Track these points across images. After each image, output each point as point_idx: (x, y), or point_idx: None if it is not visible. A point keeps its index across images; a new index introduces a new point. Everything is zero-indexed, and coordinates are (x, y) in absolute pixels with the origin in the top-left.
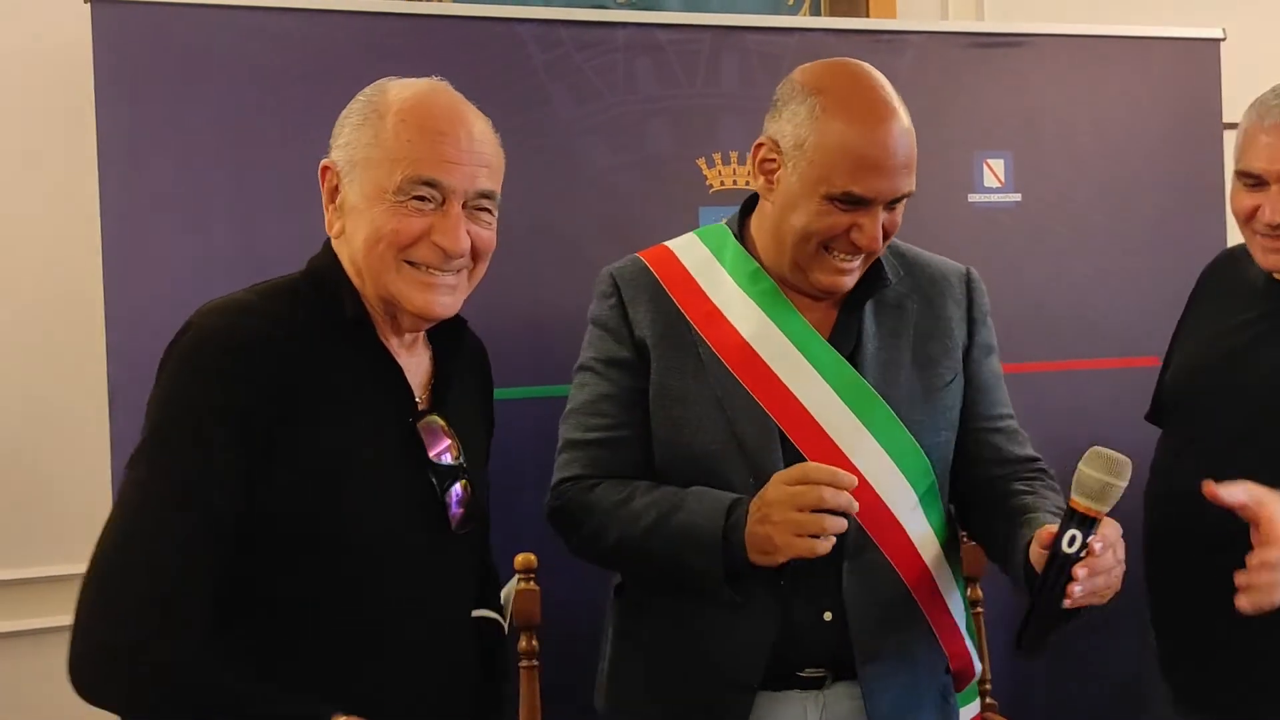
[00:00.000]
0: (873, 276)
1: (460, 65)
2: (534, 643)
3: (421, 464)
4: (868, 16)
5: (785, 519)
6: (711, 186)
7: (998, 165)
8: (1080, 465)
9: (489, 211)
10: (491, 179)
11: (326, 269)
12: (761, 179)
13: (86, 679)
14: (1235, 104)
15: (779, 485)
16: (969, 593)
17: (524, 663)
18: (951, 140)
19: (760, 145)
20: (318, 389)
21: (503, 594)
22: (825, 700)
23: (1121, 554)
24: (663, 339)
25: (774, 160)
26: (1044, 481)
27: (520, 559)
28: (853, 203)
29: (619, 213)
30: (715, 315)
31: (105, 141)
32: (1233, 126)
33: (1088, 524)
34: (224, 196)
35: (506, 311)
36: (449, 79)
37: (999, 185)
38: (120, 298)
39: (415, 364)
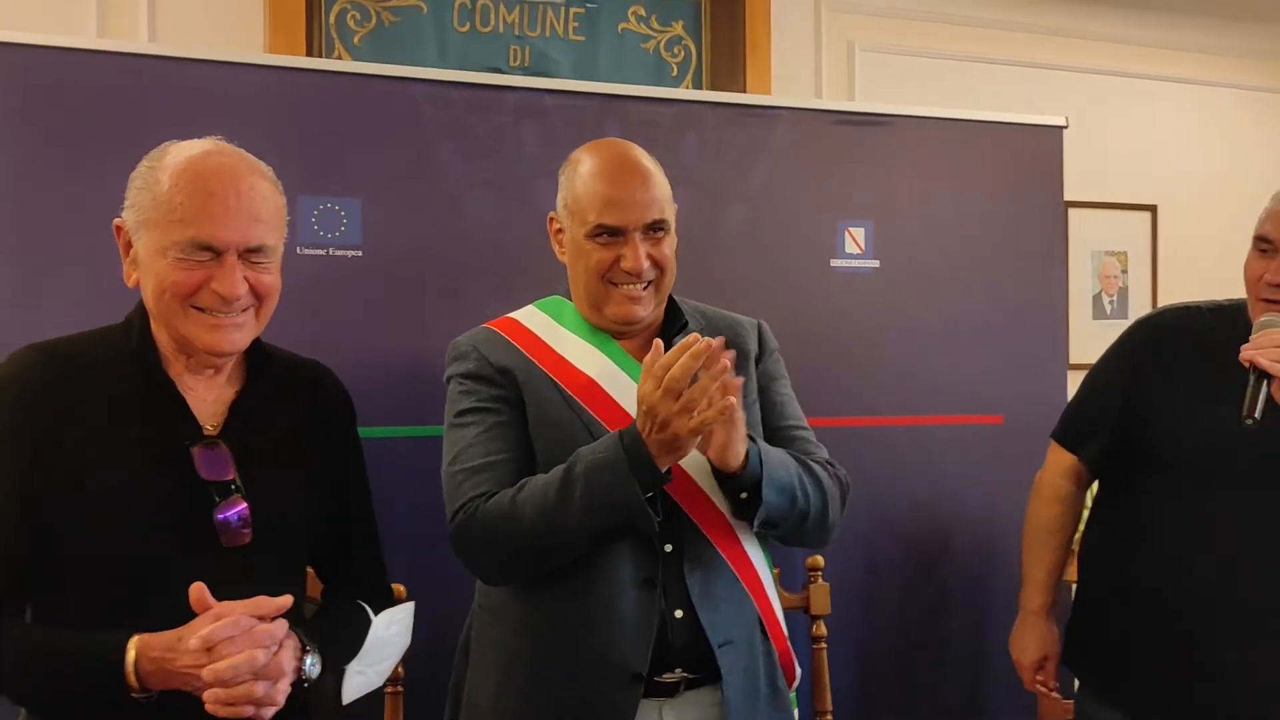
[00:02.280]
0: (674, 319)
1: (354, 119)
2: (399, 669)
3: (198, 484)
4: (745, 91)
5: (673, 411)
6: None
7: (859, 233)
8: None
9: (265, 260)
10: (265, 231)
11: (133, 315)
12: (557, 247)
13: None
14: (1075, 186)
15: (648, 395)
16: (814, 629)
17: (389, 688)
18: (816, 208)
19: (550, 220)
20: (93, 416)
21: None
22: (678, 707)
23: None
24: (526, 379)
25: (560, 228)
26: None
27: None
28: (610, 233)
29: (503, 266)
30: (563, 362)
31: None
32: (1073, 205)
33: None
34: (114, 239)
35: (391, 355)
36: (342, 132)
37: (859, 251)
38: (5, 335)
39: (213, 395)
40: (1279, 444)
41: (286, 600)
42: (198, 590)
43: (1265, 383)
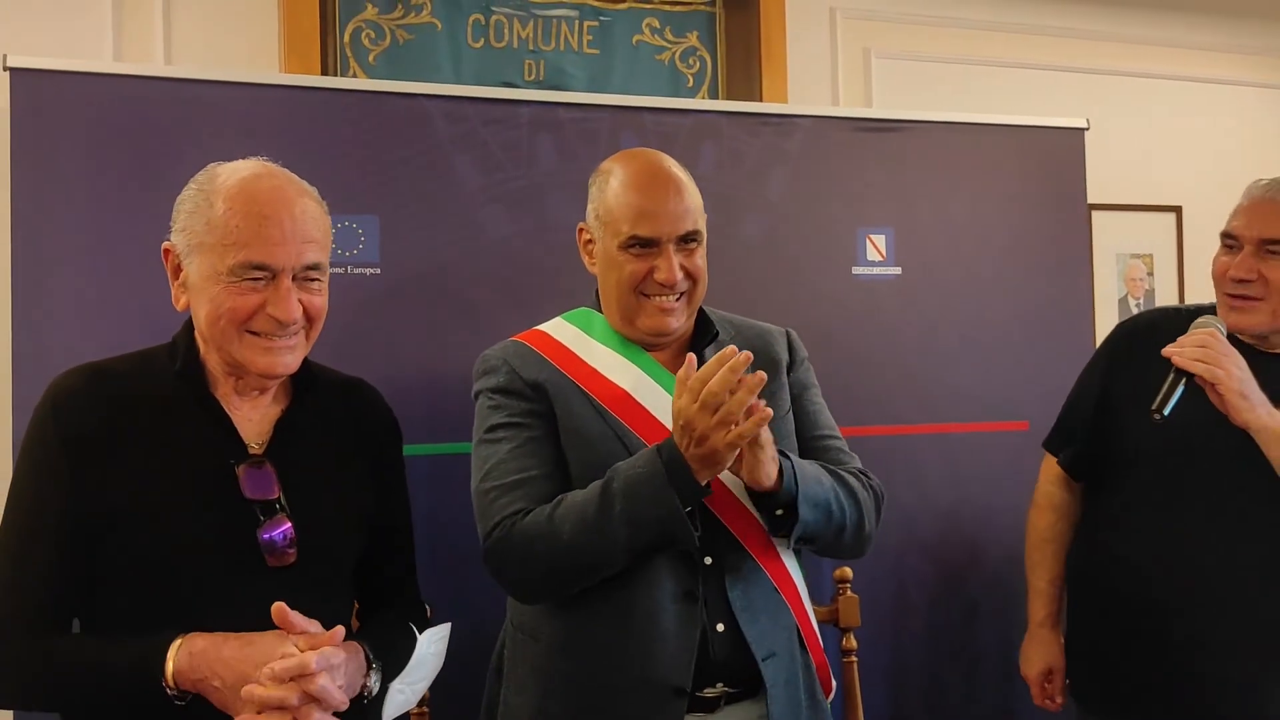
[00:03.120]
0: (704, 330)
1: (370, 136)
2: (426, 693)
3: (242, 504)
4: (761, 100)
5: (710, 424)
6: None
7: (879, 240)
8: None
9: (318, 280)
10: (317, 251)
11: (180, 336)
12: (586, 258)
13: None
14: (1097, 188)
15: (685, 409)
16: (844, 642)
17: (414, 710)
18: (837, 216)
19: (579, 231)
20: (138, 436)
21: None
22: None
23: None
24: (557, 392)
25: (590, 239)
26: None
27: None
28: (644, 245)
29: (519, 279)
30: (595, 375)
31: (19, 207)
32: (1097, 208)
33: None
34: (134, 262)
35: (411, 372)
36: (359, 149)
37: (880, 259)
38: (27, 359)
39: (259, 414)
40: (1239, 439)
41: (339, 634)
42: (280, 610)
43: (1184, 381)
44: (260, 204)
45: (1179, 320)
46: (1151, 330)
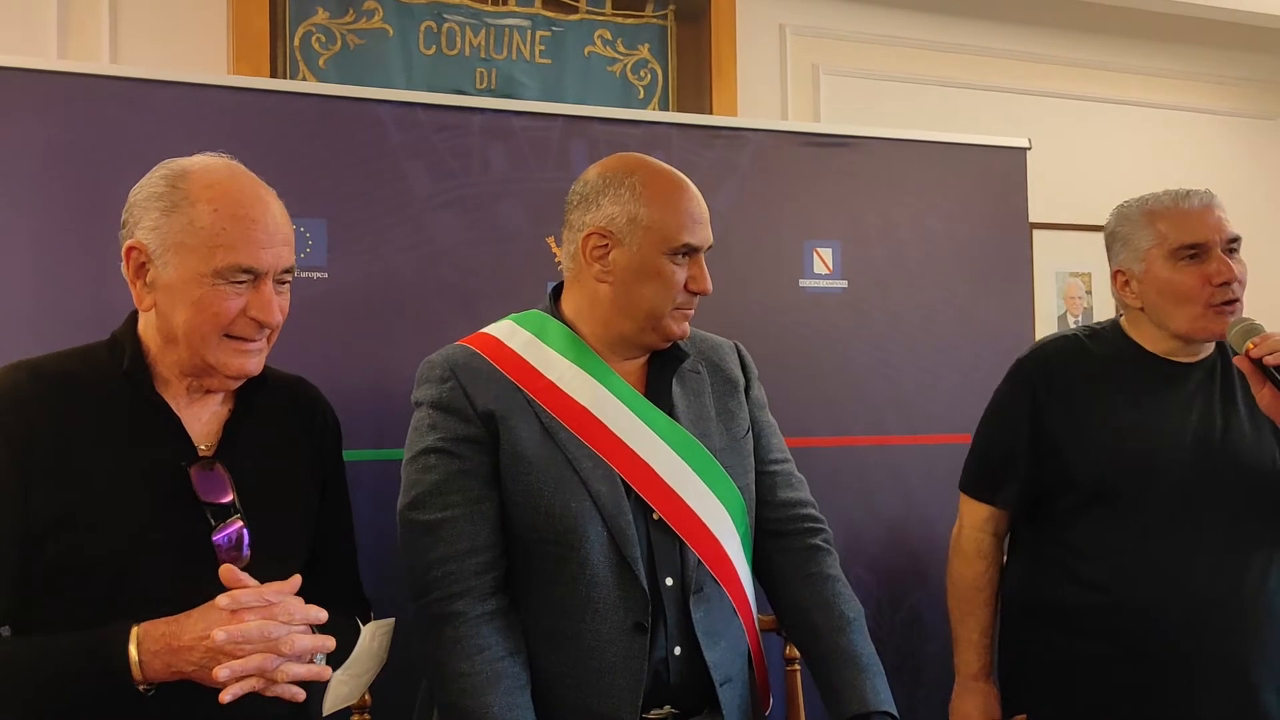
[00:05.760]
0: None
1: (320, 141)
2: (366, 695)
3: (193, 505)
4: (711, 113)
5: None
6: (560, 263)
7: (826, 253)
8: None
9: (288, 282)
10: (292, 253)
11: (122, 334)
12: (596, 266)
13: None
14: (1039, 206)
15: None
16: (787, 650)
17: (355, 717)
18: (784, 229)
19: (589, 236)
20: (85, 436)
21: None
22: None
23: None
24: (506, 411)
25: (605, 244)
26: (810, 545)
27: None
28: (689, 253)
29: (469, 286)
30: (552, 388)
31: None
32: (1038, 227)
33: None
34: (76, 261)
35: (357, 377)
36: (310, 154)
37: (827, 272)
38: None
39: (208, 414)
40: (1194, 455)
41: (297, 581)
42: (228, 570)
43: None
44: (245, 205)
45: (1081, 345)
46: (1063, 359)
